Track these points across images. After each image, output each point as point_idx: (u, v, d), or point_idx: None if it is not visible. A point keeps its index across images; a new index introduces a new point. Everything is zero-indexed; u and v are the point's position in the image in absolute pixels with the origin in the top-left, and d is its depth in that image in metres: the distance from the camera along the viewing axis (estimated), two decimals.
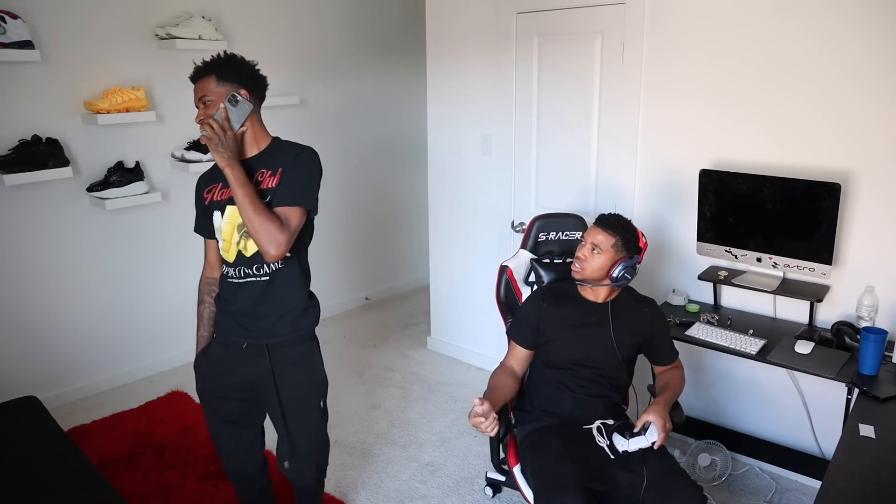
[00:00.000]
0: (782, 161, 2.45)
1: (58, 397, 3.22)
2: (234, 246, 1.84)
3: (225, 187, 1.83)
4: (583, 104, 2.95)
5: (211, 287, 2.00)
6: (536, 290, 2.25)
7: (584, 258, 2.04)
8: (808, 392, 2.58)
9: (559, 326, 2.08)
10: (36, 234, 3.10)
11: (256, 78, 1.82)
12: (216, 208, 1.87)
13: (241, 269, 1.85)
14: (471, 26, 3.27)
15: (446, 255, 3.72)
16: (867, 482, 1.61)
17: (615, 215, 2.08)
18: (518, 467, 2.06)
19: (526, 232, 2.46)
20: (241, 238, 1.83)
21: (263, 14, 3.74)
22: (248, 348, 1.90)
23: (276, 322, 1.89)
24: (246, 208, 1.71)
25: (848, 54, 2.25)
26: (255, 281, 1.85)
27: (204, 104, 1.76)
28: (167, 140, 3.43)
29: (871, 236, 2.34)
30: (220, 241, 1.88)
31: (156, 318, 3.57)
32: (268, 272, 1.85)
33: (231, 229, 1.83)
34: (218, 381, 1.97)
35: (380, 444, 2.93)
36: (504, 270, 2.37)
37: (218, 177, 1.86)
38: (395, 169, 4.64)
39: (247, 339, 1.90)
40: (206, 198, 1.90)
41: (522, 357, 2.14)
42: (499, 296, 2.40)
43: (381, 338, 4.08)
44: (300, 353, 1.95)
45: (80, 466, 2.06)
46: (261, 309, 1.87)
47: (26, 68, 2.93)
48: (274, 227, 1.72)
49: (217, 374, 1.96)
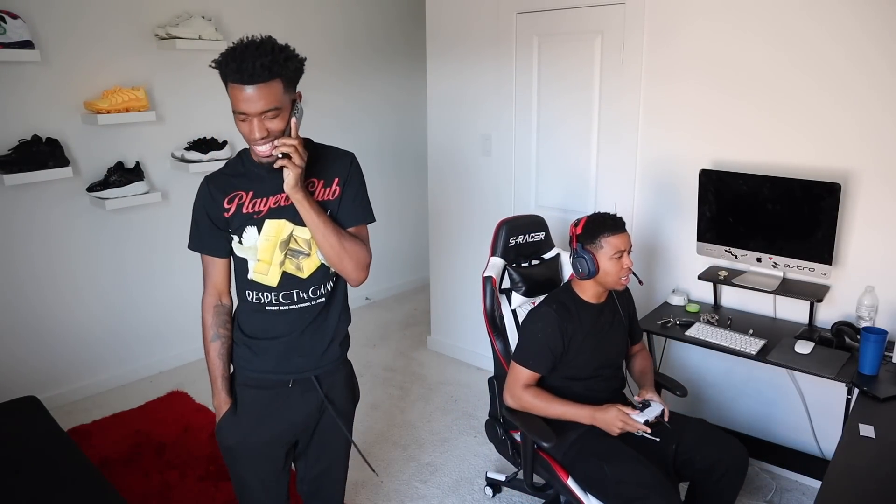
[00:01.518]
0: (782, 161, 2.45)
1: (58, 397, 3.23)
2: (275, 267, 1.54)
3: (257, 197, 1.54)
4: (583, 104, 2.95)
5: (223, 318, 1.65)
6: (548, 310, 2.07)
7: (631, 266, 2.03)
8: (808, 392, 2.58)
9: (580, 341, 2.07)
10: (36, 234, 3.10)
11: (302, 71, 1.50)
12: (248, 223, 1.54)
13: (294, 294, 1.57)
14: (471, 26, 3.27)
15: (446, 255, 3.72)
16: (867, 482, 1.61)
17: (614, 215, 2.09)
18: (572, 480, 2.00)
19: (494, 238, 2.38)
20: (285, 258, 1.55)
21: (263, 14, 3.74)
22: (293, 385, 1.63)
23: (325, 350, 1.64)
24: (329, 237, 1.48)
25: (848, 54, 2.25)
26: (310, 306, 1.60)
27: (268, 118, 1.41)
28: (167, 140, 3.43)
29: (870, 236, 2.34)
30: (253, 261, 1.56)
31: (156, 317, 3.57)
32: (324, 294, 1.61)
33: (272, 247, 1.54)
34: (259, 433, 1.64)
35: (380, 444, 2.93)
36: (489, 281, 2.30)
37: (239, 184, 1.55)
38: (395, 169, 4.64)
39: (293, 376, 1.63)
40: (229, 209, 1.54)
41: (534, 381, 2.08)
42: (486, 308, 2.31)
43: (381, 338, 4.08)
44: (345, 377, 1.74)
45: (80, 466, 2.06)
46: (309, 338, 1.62)
47: (26, 68, 2.93)
48: (361, 252, 1.54)
49: (256, 424, 1.63)
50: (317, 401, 1.66)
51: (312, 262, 1.57)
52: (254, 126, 1.41)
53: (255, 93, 1.37)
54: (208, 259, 1.62)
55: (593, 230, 2.01)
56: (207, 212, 1.57)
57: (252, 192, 1.55)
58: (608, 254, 1.98)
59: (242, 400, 1.65)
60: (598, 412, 1.96)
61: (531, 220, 2.49)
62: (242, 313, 1.64)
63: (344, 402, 1.74)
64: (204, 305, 1.65)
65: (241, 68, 1.36)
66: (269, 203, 1.54)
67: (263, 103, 1.39)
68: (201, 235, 1.59)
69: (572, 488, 1.99)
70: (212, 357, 1.64)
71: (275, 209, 1.54)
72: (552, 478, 2.08)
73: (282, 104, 1.42)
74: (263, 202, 1.54)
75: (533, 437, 1.98)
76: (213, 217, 1.57)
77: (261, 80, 1.37)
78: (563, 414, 2.00)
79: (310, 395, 1.65)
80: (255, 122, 1.41)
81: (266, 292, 1.57)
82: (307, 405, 1.66)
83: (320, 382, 1.65)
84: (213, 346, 1.64)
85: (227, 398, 1.65)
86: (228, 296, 1.66)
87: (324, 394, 1.65)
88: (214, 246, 1.59)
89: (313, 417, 1.68)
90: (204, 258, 1.62)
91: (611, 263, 1.99)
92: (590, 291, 2.09)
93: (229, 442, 1.65)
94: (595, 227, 2.01)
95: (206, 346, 1.65)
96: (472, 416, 3.15)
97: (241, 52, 1.37)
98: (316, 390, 1.64)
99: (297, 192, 1.44)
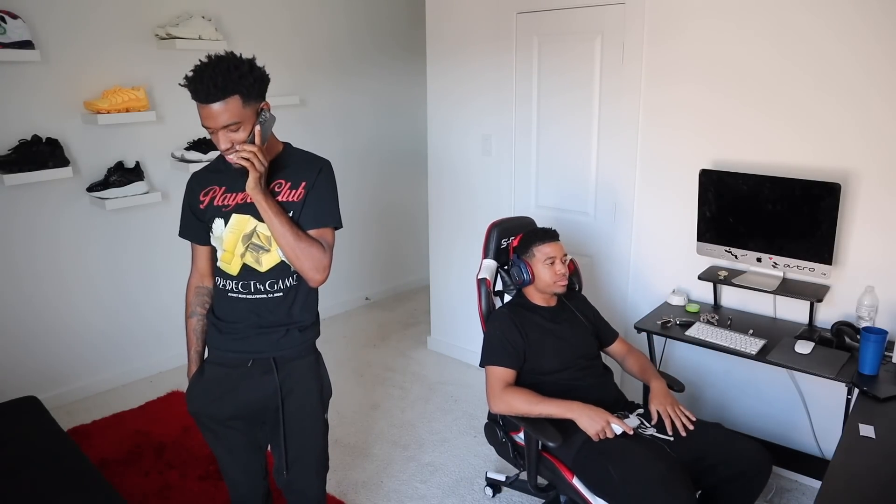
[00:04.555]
0: (782, 161, 2.45)
1: (58, 397, 3.23)
2: (237, 258, 1.69)
3: (228, 192, 1.69)
4: (583, 104, 2.95)
5: (203, 298, 1.83)
6: (502, 310, 2.24)
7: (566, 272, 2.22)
8: (808, 392, 2.58)
9: (537, 337, 2.16)
10: (36, 235, 3.10)
11: (267, 81, 1.62)
12: (217, 215, 1.70)
13: (251, 284, 1.70)
14: (471, 26, 3.28)
15: (446, 255, 3.72)
16: (867, 482, 1.61)
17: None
18: (577, 479, 1.99)
19: (486, 240, 2.40)
20: (246, 250, 1.68)
21: (263, 14, 3.74)
22: (252, 365, 1.75)
23: (283, 336, 1.75)
24: (285, 236, 1.60)
25: (848, 55, 2.25)
26: (266, 298, 1.71)
27: (230, 130, 1.54)
28: (167, 140, 3.43)
29: (870, 236, 2.34)
30: (220, 250, 1.71)
31: (156, 317, 3.57)
32: (282, 289, 1.72)
33: (235, 239, 1.69)
34: (219, 406, 1.78)
35: (380, 444, 2.93)
36: (484, 283, 2.32)
37: (216, 179, 1.72)
38: (395, 169, 4.64)
39: (252, 356, 1.74)
40: (203, 201, 1.72)
41: (513, 380, 2.12)
42: (481, 310, 2.33)
43: (382, 338, 4.08)
44: (308, 365, 1.81)
45: (80, 466, 2.06)
46: (267, 325, 1.73)
47: (26, 68, 2.93)
48: (317, 252, 1.63)
49: (216, 397, 1.77)
50: (274, 383, 1.75)
51: (272, 257, 1.69)
52: (219, 138, 1.56)
53: (214, 110, 1.51)
54: (194, 245, 1.82)
55: (526, 242, 2.24)
56: (189, 203, 1.76)
57: (225, 188, 1.71)
58: (540, 260, 2.19)
59: (209, 375, 1.81)
60: (584, 409, 1.97)
61: (521, 221, 2.51)
62: (214, 297, 1.80)
63: (306, 391, 1.80)
64: (188, 286, 1.85)
65: (198, 89, 1.50)
66: (237, 199, 1.69)
67: (223, 118, 1.52)
68: (186, 224, 1.79)
69: (578, 488, 1.99)
70: (188, 331, 1.85)
71: (241, 205, 1.68)
72: (556, 478, 2.08)
73: (242, 118, 1.54)
74: (232, 197, 1.69)
75: (539, 437, 1.97)
76: (192, 208, 1.75)
77: (217, 99, 1.50)
78: (548, 410, 2.01)
79: (268, 378, 1.75)
80: (220, 135, 1.55)
81: (229, 280, 1.72)
82: (264, 387, 1.75)
83: (277, 366, 1.75)
84: (189, 322, 1.84)
85: (197, 370, 1.84)
86: (210, 278, 1.82)
87: (281, 378, 1.74)
88: (196, 234, 1.77)
89: (272, 400, 1.76)
90: (192, 245, 1.82)
91: (544, 269, 2.19)
92: (537, 296, 2.26)
93: (192, 408, 1.82)
94: (528, 239, 2.24)
95: (186, 322, 1.85)
96: (472, 416, 3.15)
97: (199, 72, 1.51)
98: (272, 373, 1.74)
99: (256, 193, 1.59)
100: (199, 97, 1.51)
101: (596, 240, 3.05)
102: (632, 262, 2.96)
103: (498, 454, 2.32)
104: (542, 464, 2.10)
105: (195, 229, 1.77)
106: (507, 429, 2.24)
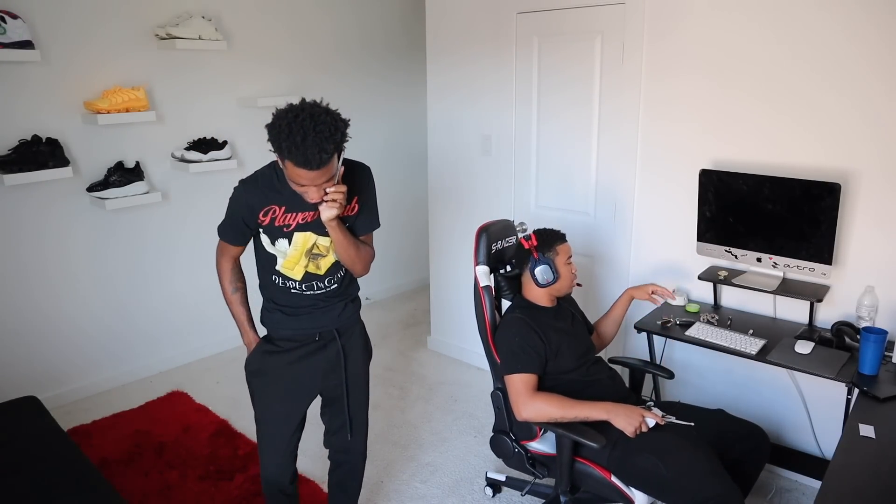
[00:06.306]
0: (782, 161, 2.45)
1: (58, 397, 3.23)
2: (300, 267, 1.85)
3: (289, 211, 1.76)
4: (583, 104, 2.95)
5: (238, 274, 1.96)
6: (516, 316, 2.17)
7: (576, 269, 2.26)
8: (808, 392, 2.58)
9: (556, 337, 2.15)
10: (36, 235, 3.10)
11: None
12: (280, 235, 1.79)
13: (314, 284, 1.88)
14: (471, 27, 3.27)
15: (446, 255, 3.72)
16: (867, 482, 1.61)
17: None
18: (615, 477, 1.99)
19: (476, 246, 2.31)
20: (309, 262, 1.84)
21: (263, 14, 3.74)
22: (320, 339, 1.95)
23: (342, 311, 1.96)
24: (348, 250, 1.79)
25: (848, 55, 2.25)
26: (325, 291, 1.90)
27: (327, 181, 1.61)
28: (167, 140, 3.43)
29: (870, 236, 2.34)
30: (282, 259, 1.84)
31: (156, 318, 3.57)
32: (338, 279, 1.92)
33: (299, 255, 1.83)
34: (290, 381, 1.94)
35: (380, 444, 2.93)
36: (488, 291, 2.26)
37: (275, 199, 1.76)
38: (395, 168, 4.63)
39: (318, 330, 1.94)
40: (263, 221, 1.78)
41: (535, 384, 2.08)
42: (488, 319, 2.24)
43: (382, 338, 4.08)
44: (360, 331, 2.06)
45: (80, 466, 2.06)
46: (330, 306, 1.93)
47: (26, 68, 2.93)
48: (369, 255, 1.89)
49: (286, 372, 1.93)
50: (337, 348, 1.96)
51: (328, 260, 1.86)
52: (312, 193, 1.62)
53: (318, 172, 1.55)
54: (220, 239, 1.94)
55: (549, 241, 2.20)
56: (243, 217, 1.81)
57: (284, 208, 1.77)
58: (563, 260, 2.19)
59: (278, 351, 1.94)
60: (618, 408, 1.99)
61: (504, 224, 2.43)
62: (275, 291, 1.90)
63: (361, 352, 2.04)
64: (222, 268, 1.95)
65: (308, 159, 1.50)
66: (297, 218, 1.78)
67: (324, 178, 1.59)
68: (233, 230, 1.87)
69: (618, 485, 1.98)
70: (236, 306, 1.96)
71: (302, 224, 1.79)
72: (588, 479, 2.05)
73: (335, 169, 1.61)
74: (293, 217, 1.78)
75: (581, 440, 1.94)
76: (248, 222, 1.81)
77: (325, 165, 1.54)
78: (584, 413, 1.99)
79: (331, 345, 1.96)
80: (313, 190, 1.61)
81: (291, 281, 1.87)
82: (329, 353, 1.96)
83: (339, 334, 1.97)
84: (234, 298, 1.95)
85: (255, 336, 1.97)
86: (239, 260, 1.96)
87: (342, 344, 1.97)
88: (240, 239, 1.89)
89: (335, 365, 1.97)
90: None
91: (565, 269, 2.20)
92: (543, 298, 2.23)
93: (254, 367, 1.96)
94: (548, 237, 2.22)
95: (229, 298, 1.96)
96: (472, 416, 3.15)
97: (302, 139, 1.48)
98: (336, 340, 1.96)
99: (333, 223, 1.70)
100: (308, 166, 1.52)
101: (596, 240, 3.05)
102: (632, 262, 2.96)
103: (509, 466, 2.28)
104: (575, 467, 2.07)
105: (240, 236, 1.87)
106: (517, 438, 2.21)
